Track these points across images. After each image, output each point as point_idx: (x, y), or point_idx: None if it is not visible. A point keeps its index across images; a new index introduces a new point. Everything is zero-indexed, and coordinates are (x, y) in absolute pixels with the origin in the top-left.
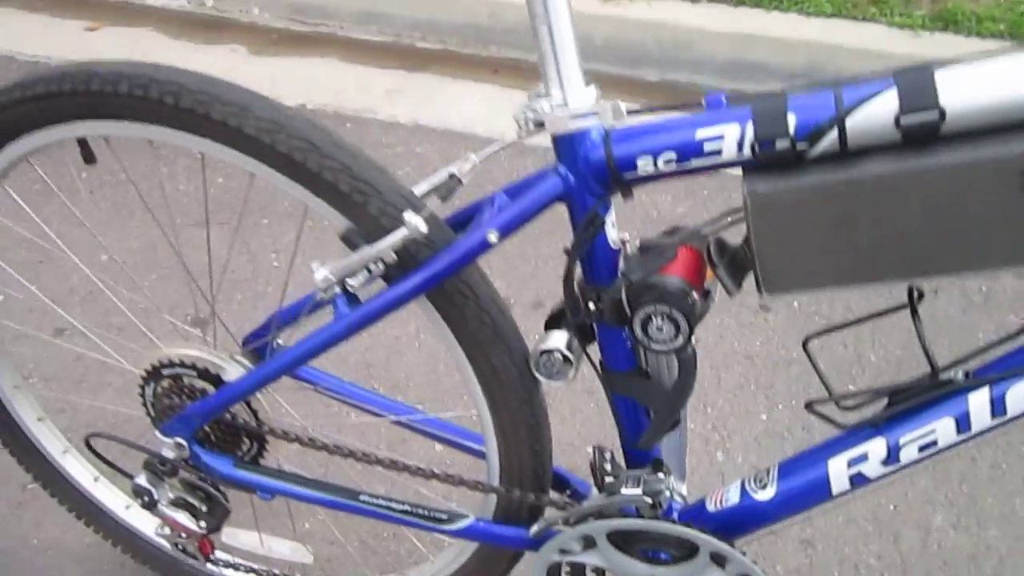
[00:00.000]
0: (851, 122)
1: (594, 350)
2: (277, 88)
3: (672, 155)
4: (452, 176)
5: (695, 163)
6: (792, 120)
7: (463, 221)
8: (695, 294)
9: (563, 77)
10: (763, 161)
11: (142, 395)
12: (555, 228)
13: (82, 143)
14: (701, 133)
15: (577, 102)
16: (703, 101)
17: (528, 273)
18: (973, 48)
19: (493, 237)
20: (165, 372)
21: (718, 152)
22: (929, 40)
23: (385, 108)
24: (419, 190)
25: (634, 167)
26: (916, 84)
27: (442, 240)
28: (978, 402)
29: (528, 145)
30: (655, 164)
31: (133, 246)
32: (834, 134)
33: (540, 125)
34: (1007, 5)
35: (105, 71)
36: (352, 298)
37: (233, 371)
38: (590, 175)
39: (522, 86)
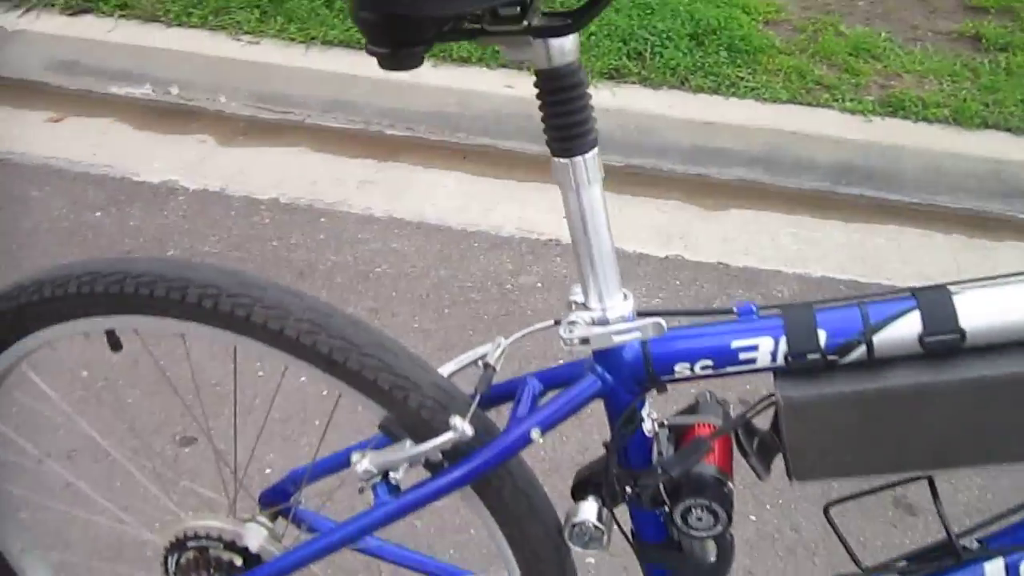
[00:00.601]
0: (877, 339)
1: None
2: (249, 180)
3: (709, 362)
4: (487, 366)
5: (730, 369)
6: (822, 335)
7: (496, 397)
8: (730, 483)
9: (603, 293)
10: (795, 369)
11: (165, 568)
12: None
13: (109, 333)
14: (736, 343)
15: (616, 315)
16: (734, 308)
17: None
18: (921, 134)
19: (536, 435)
20: (189, 544)
21: (753, 361)
22: (880, 125)
23: (359, 200)
24: (447, 370)
25: (671, 372)
26: (937, 306)
27: (486, 435)
28: (993, 572)
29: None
30: (692, 369)
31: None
32: (862, 349)
33: (586, 341)
34: (950, 91)
35: (139, 271)
36: (392, 487)
37: (254, 535)
38: (628, 377)
39: (492, 172)
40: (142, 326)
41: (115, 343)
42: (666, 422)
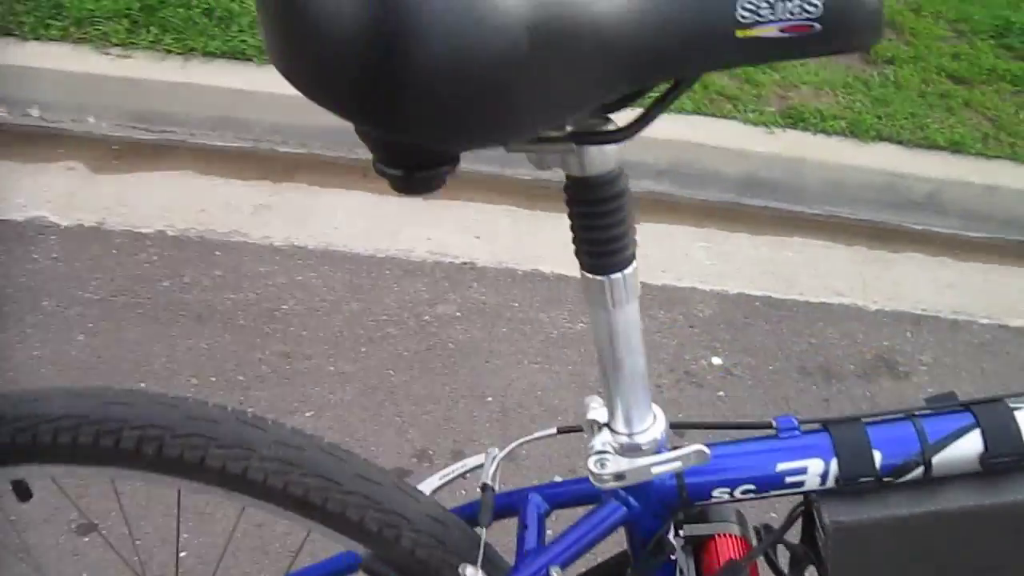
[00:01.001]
0: (936, 459)
1: None
2: (131, 212)
3: (751, 487)
4: (485, 488)
5: (773, 493)
6: (878, 456)
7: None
8: None
9: (634, 417)
10: (845, 491)
11: None
12: None
13: (17, 483)
14: (782, 466)
15: (649, 439)
16: (773, 422)
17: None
18: (821, 146)
19: (556, 575)
20: None
21: (800, 484)
22: (782, 137)
23: (256, 228)
24: (429, 486)
25: (708, 497)
26: (998, 424)
27: (498, 572)
28: None
29: None
30: (731, 494)
31: None
32: (919, 470)
33: (620, 477)
34: (845, 104)
35: (55, 413)
36: None
37: None
38: (657, 503)
39: (392, 191)
40: (62, 476)
41: (24, 492)
42: (682, 533)
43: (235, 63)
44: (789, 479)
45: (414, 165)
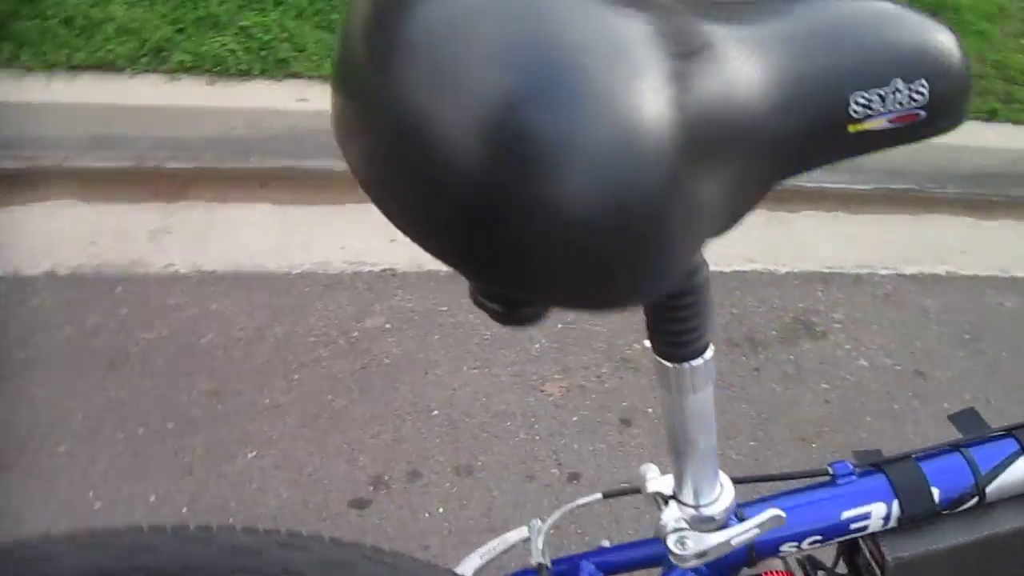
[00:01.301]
0: (990, 488)
1: None
2: (11, 254)
3: (818, 537)
4: (540, 569)
5: (838, 540)
6: (936, 493)
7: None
8: None
9: (705, 489)
10: (904, 526)
11: None
12: None
13: None
14: (847, 514)
15: (722, 509)
16: (829, 469)
17: None
18: None
19: None
20: None
21: (864, 528)
22: None
23: (155, 256)
24: (470, 567)
25: (776, 553)
26: None
27: None
28: None
29: None
30: (799, 547)
31: None
32: (974, 500)
33: (703, 555)
34: None
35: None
36: None
37: None
38: (727, 566)
39: (299, 199)
40: None
41: None
42: None
43: (105, 75)
44: (854, 525)
45: (516, 303)
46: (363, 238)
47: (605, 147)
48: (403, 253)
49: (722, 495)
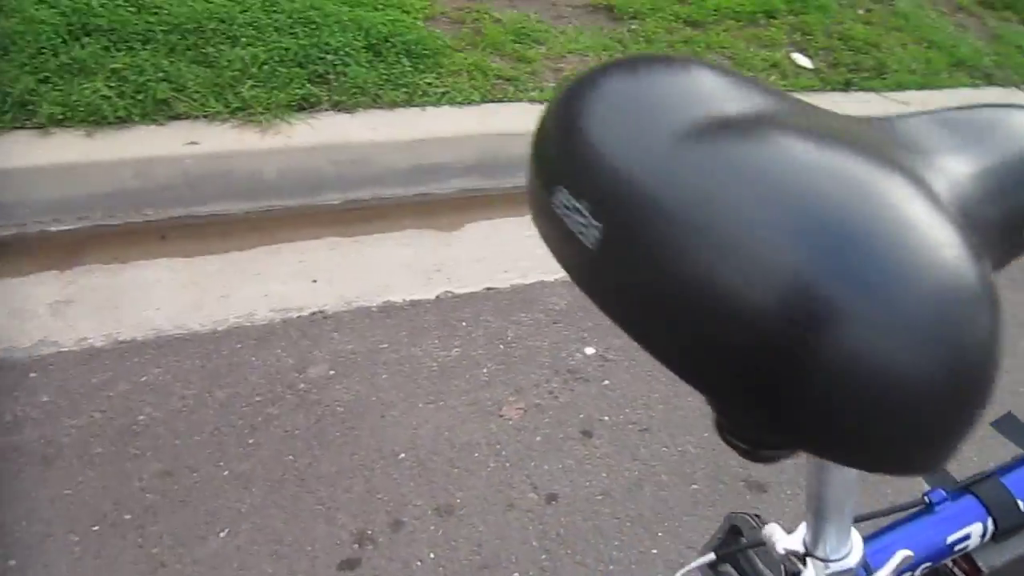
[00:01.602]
0: None
1: None
2: None
3: (928, 563)
4: None
5: (944, 561)
6: (1022, 505)
7: None
8: None
9: (841, 541)
10: (996, 539)
11: None
12: None
13: None
14: (951, 538)
15: (858, 557)
16: (927, 499)
17: None
18: None
19: None
20: None
21: (964, 548)
22: None
23: (64, 333)
24: None
25: None
26: None
27: None
28: None
29: None
30: (912, 574)
31: None
32: None
33: None
34: None
35: None
36: None
37: None
38: None
39: (205, 248)
40: None
41: None
42: None
43: None
44: (957, 546)
45: (762, 444)
46: (283, 281)
47: (933, 310)
48: (329, 292)
49: (854, 545)
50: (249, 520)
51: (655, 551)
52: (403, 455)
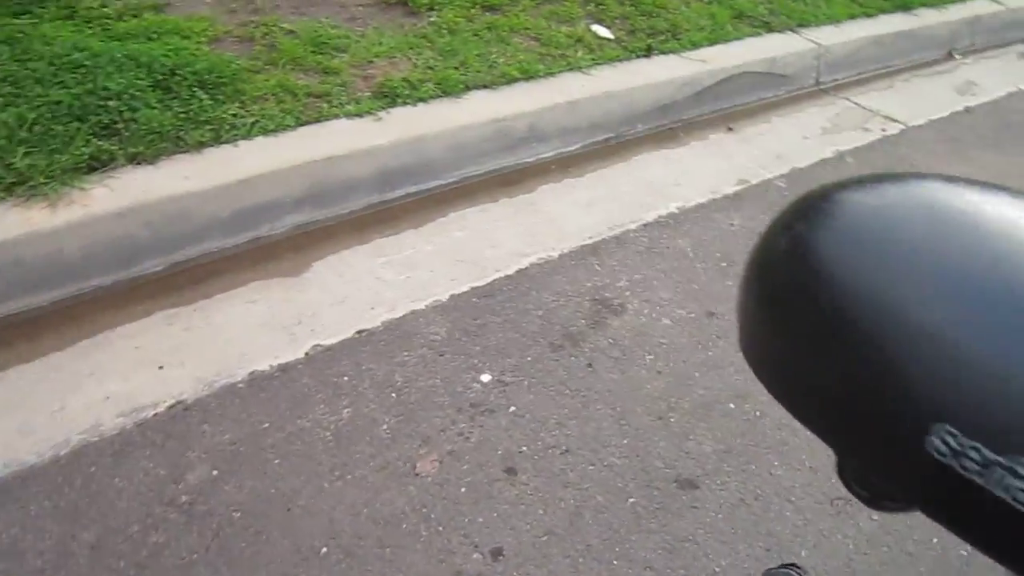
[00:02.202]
0: None
1: None
2: None
3: None
4: None
5: None
6: None
7: None
8: None
9: None
10: None
11: None
12: None
13: None
14: None
15: None
16: None
17: None
18: (426, 116)
19: None
20: None
21: None
22: (390, 120)
23: None
24: None
25: None
26: None
27: None
28: None
29: None
30: None
31: None
32: None
33: None
34: (423, 65)
35: None
36: None
37: None
38: None
39: (6, 360)
40: None
41: None
42: None
43: None
44: None
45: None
46: (124, 376)
47: None
48: (182, 377)
49: None
50: None
51: None
52: (325, 549)
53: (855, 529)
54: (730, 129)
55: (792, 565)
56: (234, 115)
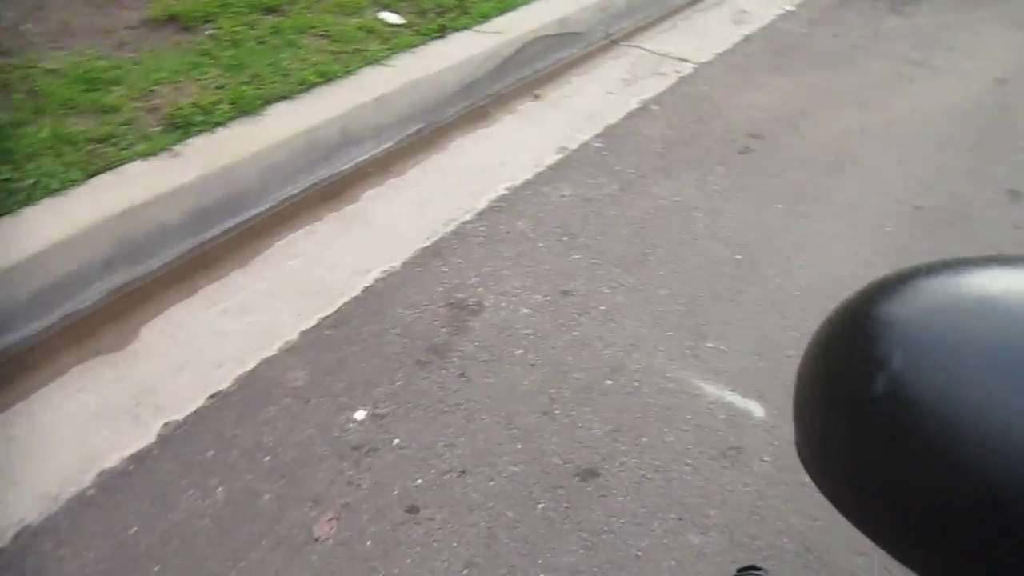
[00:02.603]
0: None
1: None
2: None
3: None
4: None
5: None
6: None
7: None
8: None
9: None
10: None
11: None
12: None
13: None
14: None
15: None
16: None
17: None
18: (229, 141)
19: None
20: None
21: None
22: (189, 154)
23: None
24: None
25: None
26: None
27: None
28: None
29: None
30: None
31: None
32: None
33: None
34: (212, 85)
35: None
36: None
37: None
38: None
39: None
40: None
41: None
42: None
43: None
44: None
45: None
46: None
47: None
48: (17, 497)
49: None
50: None
51: None
52: None
53: (752, 476)
54: (537, 96)
55: (754, 567)
56: (8, 180)
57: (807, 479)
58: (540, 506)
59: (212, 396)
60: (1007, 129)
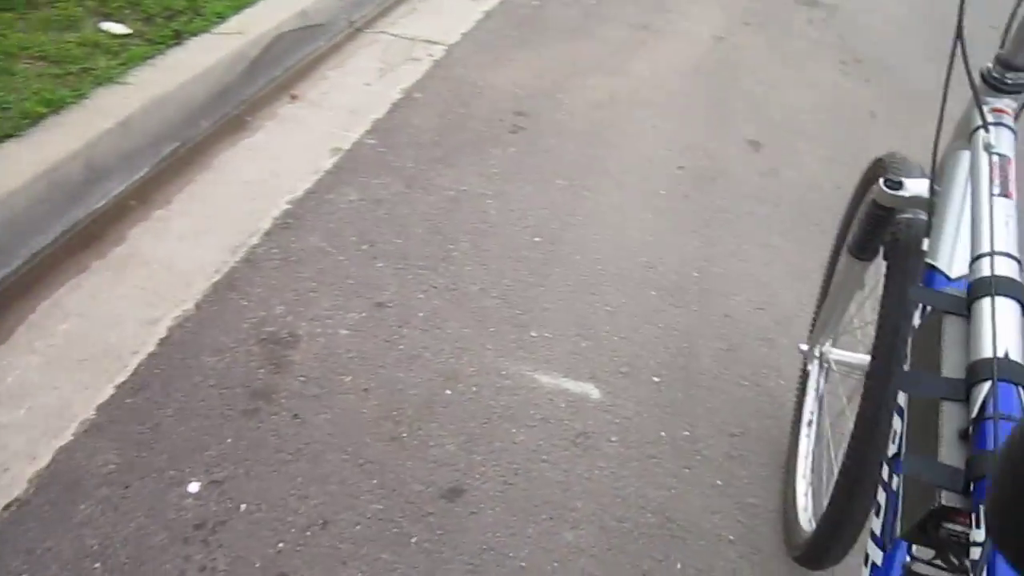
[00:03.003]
0: None
1: None
2: None
3: None
4: None
5: None
6: None
7: None
8: None
9: None
10: None
11: None
12: None
13: None
14: None
15: None
16: None
17: None
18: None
19: None
20: None
21: None
22: None
23: None
24: None
25: None
26: None
27: None
28: None
29: None
30: None
31: None
32: None
33: None
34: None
35: None
36: None
37: None
38: None
39: None
40: None
41: None
42: None
43: None
44: None
45: None
46: None
47: None
48: None
49: None
50: None
51: None
52: None
53: (604, 458)
54: (294, 97)
55: None
56: None
57: (654, 452)
58: (414, 540)
59: (7, 507)
60: (733, 81)
